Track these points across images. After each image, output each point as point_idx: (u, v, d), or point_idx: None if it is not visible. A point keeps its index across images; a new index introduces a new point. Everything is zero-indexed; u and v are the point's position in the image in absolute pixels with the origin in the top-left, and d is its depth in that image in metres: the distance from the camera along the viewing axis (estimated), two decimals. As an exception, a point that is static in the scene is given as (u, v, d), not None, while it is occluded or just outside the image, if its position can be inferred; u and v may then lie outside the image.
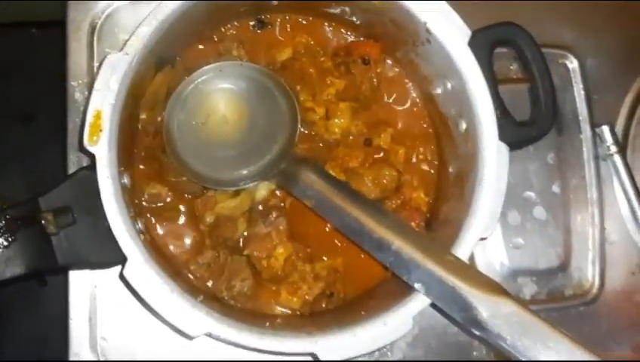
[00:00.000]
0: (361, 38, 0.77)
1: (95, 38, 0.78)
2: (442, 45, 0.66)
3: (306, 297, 0.71)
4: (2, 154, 1.02)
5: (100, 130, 0.61)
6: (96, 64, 0.78)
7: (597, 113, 0.84)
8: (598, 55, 0.85)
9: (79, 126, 0.76)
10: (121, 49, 0.63)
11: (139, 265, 0.60)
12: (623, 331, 0.81)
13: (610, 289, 0.81)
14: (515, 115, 0.67)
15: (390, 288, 0.69)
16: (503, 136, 0.65)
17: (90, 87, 0.77)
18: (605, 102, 0.85)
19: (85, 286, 0.74)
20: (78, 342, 0.73)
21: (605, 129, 0.83)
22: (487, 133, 0.65)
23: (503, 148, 0.66)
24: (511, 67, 0.83)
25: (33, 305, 0.99)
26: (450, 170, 0.74)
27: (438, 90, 0.73)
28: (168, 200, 0.72)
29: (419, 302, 0.63)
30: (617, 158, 0.83)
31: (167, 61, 0.72)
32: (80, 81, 0.78)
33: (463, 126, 0.69)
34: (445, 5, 0.66)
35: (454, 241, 0.64)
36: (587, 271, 0.81)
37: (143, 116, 0.72)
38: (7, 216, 0.61)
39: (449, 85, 0.70)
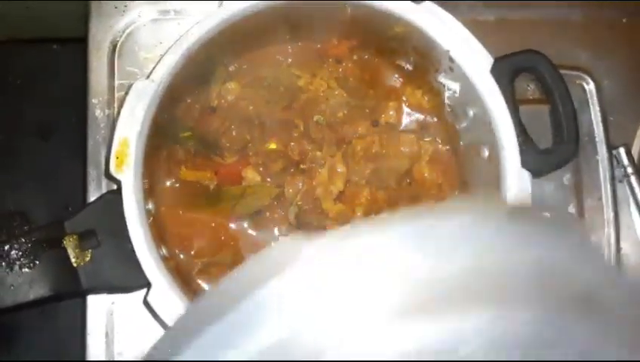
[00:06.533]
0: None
1: (116, 56, 0.79)
2: (465, 73, 0.67)
3: None
4: (21, 168, 1.03)
5: (127, 158, 0.62)
6: (117, 82, 0.79)
7: (613, 134, 0.84)
8: (614, 76, 0.85)
9: (99, 142, 0.77)
10: (148, 76, 0.64)
11: (163, 291, 0.61)
12: (640, 356, 0.80)
13: (626, 312, 0.80)
14: (533, 138, 0.67)
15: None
16: (525, 164, 0.65)
17: (110, 104, 0.78)
18: (622, 123, 0.84)
19: (103, 302, 0.74)
20: (95, 357, 0.74)
21: (622, 150, 0.83)
22: (509, 161, 0.65)
23: (526, 175, 0.65)
24: (528, 88, 0.83)
25: (49, 319, 1.00)
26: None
27: (461, 118, 0.73)
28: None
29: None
30: (634, 180, 0.82)
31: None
32: (100, 98, 0.78)
33: (486, 153, 0.69)
34: (467, 32, 0.67)
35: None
36: (603, 293, 0.80)
37: None
38: (33, 239, 0.62)
39: (471, 113, 0.70)
